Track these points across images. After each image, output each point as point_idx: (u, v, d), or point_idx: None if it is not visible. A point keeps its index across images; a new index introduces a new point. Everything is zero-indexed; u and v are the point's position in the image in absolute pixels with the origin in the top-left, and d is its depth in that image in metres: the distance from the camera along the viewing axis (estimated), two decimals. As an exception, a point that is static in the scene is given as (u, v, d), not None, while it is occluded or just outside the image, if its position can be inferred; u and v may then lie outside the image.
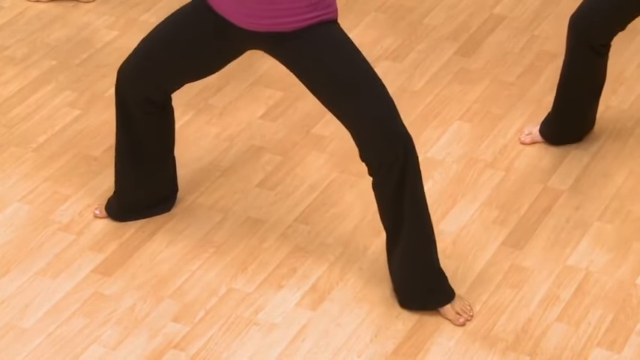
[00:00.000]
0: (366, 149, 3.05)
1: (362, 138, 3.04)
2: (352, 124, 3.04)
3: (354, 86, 3.00)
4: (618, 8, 3.45)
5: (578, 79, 3.61)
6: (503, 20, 4.39)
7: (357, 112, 3.02)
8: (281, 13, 2.97)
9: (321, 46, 3.01)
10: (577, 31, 3.52)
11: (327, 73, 3.02)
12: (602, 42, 3.52)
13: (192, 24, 3.12)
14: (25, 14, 4.46)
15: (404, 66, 4.16)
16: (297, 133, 3.86)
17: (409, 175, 3.03)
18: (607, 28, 3.49)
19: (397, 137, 3.00)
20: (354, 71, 3.01)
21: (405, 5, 4.48)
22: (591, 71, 3.59)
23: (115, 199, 3.48)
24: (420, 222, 3.10)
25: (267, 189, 3.63)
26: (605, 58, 3.58)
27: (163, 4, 4.51)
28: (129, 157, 3.38)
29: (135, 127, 3.31)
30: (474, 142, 3.81)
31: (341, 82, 3.01)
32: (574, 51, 3.56)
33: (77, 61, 4.21)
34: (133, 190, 3.45)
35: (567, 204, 3.55)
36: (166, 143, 3.40)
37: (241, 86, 4.07)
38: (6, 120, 3.93)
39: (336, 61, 3.01)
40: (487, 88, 4.05)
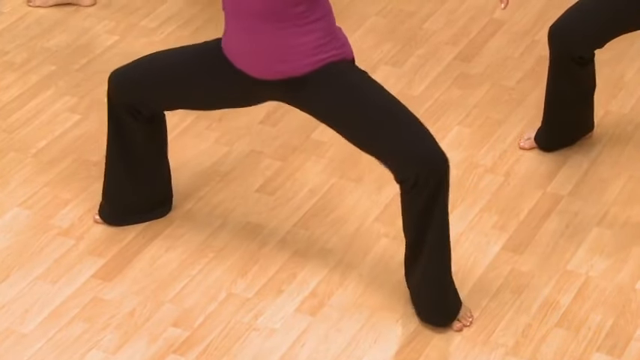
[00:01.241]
0: (402, 174, 2.99)
1: (397, 166, 2.99)
2: (385, 157, 3.00)
3: (377, 121, 2.97)
4: (599, 25, 3.44)
5: (562, 88, 3.61)
6: (503, 25, 4.40)
7: (387, 145, 2.97)
8: (291, 57, 2.97)
9: (335, 87, 3.00)
10: (557, 43, 3.52)
11: (347, 113, 3.00)
12: (580, 55, 3.51)
13: (204, 64, 3.12)
14: (25, 19, 4.46)
15: (403, 71, 4.16)
16: (296, 138, 3.86)
17: (442, 194, 3.01)
18: (586, 44, 3.49)
19: (435, 159, 2.96)
20: (374, 106, 2.98)
21: (404, 10, 4.48)
22: (574, 80, 3.59)
23: (107, 204, 3.47)
24: (443, 241, 3.08)
25: (267, 194, 3.63)
26: (589, 66, 3.57)
27: (164, 8, 4.51)
28: (120, 161, 3.38)
29: (125, 132, 3.31)
30: (474, 147, 3.81)
31: (362, 120, 2.98)
32: (555, 61, 3.56)
33: (77, 66, 4.21)
34: (124, 194, 3.44)
35: (567, 209, 3.55)
36: (158, 149, 3.40)
37: (241, 91, 4.07)
38: (6, 125, 3.94)
39: (353, 99, 2.99)
40: (487, 93, 4.05)
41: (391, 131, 2.98)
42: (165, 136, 3.40)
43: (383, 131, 2.98)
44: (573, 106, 3.67)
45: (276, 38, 2.96)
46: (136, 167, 3.39)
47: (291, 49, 2.97)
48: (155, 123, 3.33)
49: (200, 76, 3.14)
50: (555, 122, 3.70)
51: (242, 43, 3.02)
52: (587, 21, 3.44)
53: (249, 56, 3.02)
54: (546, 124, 3.71)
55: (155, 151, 3.40)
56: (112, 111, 3.30)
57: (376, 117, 2.99)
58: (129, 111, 3.26)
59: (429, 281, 3.12)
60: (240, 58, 3.05)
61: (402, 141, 2.97)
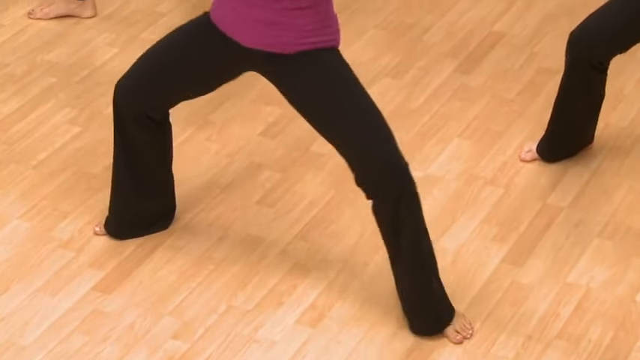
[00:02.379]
0: (361, 177, 3.04)
1: (355, 166, 3.03)
2: (345, 152, 3.03)
3: (348, 115, 2.99)
4: (621, 31, 3.45)
5: (576, 96, 3.62)
6: (502, 37, 4.40)
7: (350, 142, 3.01)
8: (283, 33, 2.97)
9: (317, 72, 3.00)
10: (576, 48, 3.52)
11: (322, 100, 3.01)
12: (601, 61, 3.52)
13: (194, 40, 3.12)
14: (26, 32, 4.47)
15: (403, 83, 4.17)
16: (296, 150, 3.86)
17: (404, 204, 3.02)
18: (607, 50, 3.49)
19: (391, 169, 3.00)
20: (349, 100, 3.00)
21: (404, 22, 4.49)
22: (590, 88, 3.60)
23: (113, 218, 3.48)
24: (417, 251, 3.09)
25: (267, 206, 3.63)
26: (605, 74, 3.59)
27: (164, 21, 4.52)
28: (126, 174, 3.38)
29: (132, 143, 3.31)
30: (474, 159, 3.81)
31: (334, 111, 3.00)
32: (572, 68, 3.56)
33: (77, 79, 4.22)
34: (131, 207, 3.45)
35: (567, 221, 3.55)
36: (163, 160, 3.40)
37: (241, 103, 4.07)
38: (6, 137, 3.94)
39: (331, 88, 3.00)
40: (487, 104, 4.06)
41: (357, 131, 2.99)
42: (171, 147, 3.40)
43: (349, 130, 2.99)
44: (582, 117, 3.67)
45: (271, 16, 2.94)
46: (142, 180, 3.39)
47: (284, 26, 2.96)
48: (162, 131, 3.33)
49: (193, 54, 3.12)
50: (561, 132, 3.70)
51: (236, 10, 2.98)
52: (608, 26, 3.45)
53: (241, 23, 2.99)
54: (551, 134, 3.71)
55: (162, 162, 3.40)
56: (118, 123, 3.29)
57: (346, 115, 2.99)
58: (136, 119, 3.26)
59: (412, 290, 3.12)
60: (231, 25, 3.02)
61: (365, 143, 2.99)
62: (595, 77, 3.56)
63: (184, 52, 3.14)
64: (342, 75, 3.02)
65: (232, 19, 3.02)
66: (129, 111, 3.25)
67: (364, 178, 3.02)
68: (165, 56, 3.17)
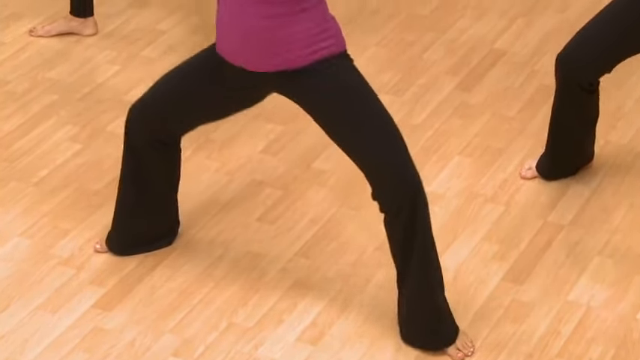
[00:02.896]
0: (376, 191, 3.04)
1: (372, 179, 3.03)
2: (363, 165, 3.03)
3: (364, 128, 2.99)
4: (605, 52, 3.45)
5: (567, 116, 3.62)
6: (503, 55, 4.41)
7: (368, 154, 3.01)
8: (286, 47, 2.95)
9: (332, 85, 2.99)
10: (564, 70, 3.53)
11: (337, 113, 3.00)
12: (589, 82, 3.53)
13: (205, 71, 3.12)
14: (27, 49, 4.48)
15: (404, 100, 4.18)
16: (297, 167, 3.86)
17: (418, 221, 3.02)
18: (594, 71, 3.50)
19: (406, 185, 2.99)
20: (365, 112, 2.99)
21: (405, 40, 4.50)
22: (581, 108, 3.60)
23: (116, 234, 3.48)
24: (427, 266, 3.08)
25: (268, 223, 3.63)
26: (595, 94, 3.59)
27: (165, 38, 4.53)
28: (133, 192, 3.37)
29: (141, 163, 3.31)
30: (474, 177, 3.81)
31: (350, 124, 2.99)
32: (562, 89, 3.57)
33: (78, 96, 4.22)
34: (136, 225, 3.45)
35: (567, 239, 3.55)
36: (171, 180, 3.40)
37: (242, 121, 4.08)
38: (7, 154, 3.94)
39: (347, 100, 2.99)
40: (487, 122, 4.06)
41: (373, 145, 2.99)
42: (179, 167, 3.40)
43: (365, 143, 3.00)
44: (577, 135, 3.68)
45: (267, 30, 2.93)
46: (149, 199, 3.39)
47: (282, 41, 2.94)
48: (173, 154, 3.33)
49: (204, 86, 3.13)
50: (558, 151, 3.71)
51: (234, 35, 2.98)
52: (593, 46, 3.45)
53: (242, 50, 2.99)
54: (549, 153, 3.72)
55: (170, 182, 3.40)
56: (129, 145, 3.29)
57: (362, 128, 2.99)
58: (148, 143, 3.26)
59: (419, 306, 3.12)
60: (234, 54, 3.02)
61: (381, 157, 2.99)
62: (585, 97, 3.56)
63: (198, 84, 3.13)
64: (356, 86, 3.01)
65: (232, 46, 3.01)
66: (141, 135, 3.25)
67: (381, 193, 3.02)
68: (179, 86, 3.16)
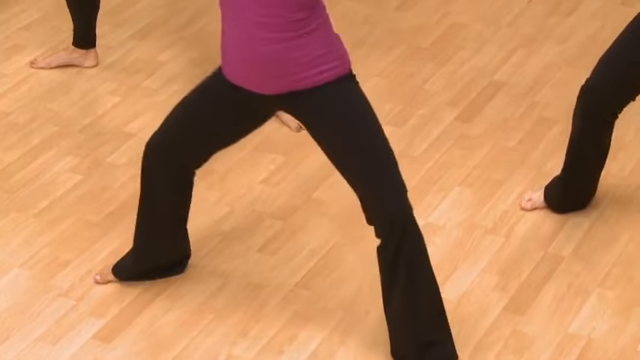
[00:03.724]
0: (368, 216, 3.06)
1: (365, 205, 3.06)
2: (356, 187, 3.06)
3: (362, 155, 3.01)
4: (630, 80, 3.46)
5: (588, 149, 3.61)
6: (503, 86, 4.42)
7: (361, 177, 3.03)
8: (293, 69, 2.95)
9: (333, 106, 3.00)
10: (588, 102, 3.51)
11: (337, 134, 3.02)
12: (613, 113, 3.53)
13: (212, 96, 3.13)
14: (28, 81, 4.49)
15: (405, 131, 4.18)
16: (298, 198, 3.87)
17: (404, 252, 3.04)
18: (619, 100, 3.50)
19: (394, 215, 3.01)
20: (363, 135, 3.01)
21: (405, 71, 4.51)
22: (601, 141, 3.60)
23: (133, 264, 3.46)
24: (413, 300, 3.09)
25: (268, 254, 3.63)
26: (613, 125, 3.59)
27: (165, 70, 4.54)
28: (150, 225, 3.37)
29: (159, 198, 3.31)
30: (475, 208, 3.81)
31: (350, 148, 3.01)
32: (585, 122, 3.55)
33: (79, 127, 4.23)
34: (154, 257, 3.46)
35: (568, 270, 3.55)
36: (186, 212, 3.41)
37: (242, 151, 4.08)
38: (8, 186, 3.94)
39: (346, 122, 3.00)
40: (487, 153, 4.07)
41: (369, 174, 3.01)
42: (191, 196, 3.40)
43: (362, 171, 3.01)
44: (594, 168, 3.67)
45: (274, 53, 2.93)
46: (168, 231, 3.40)
47: (289, 63, 2.95)
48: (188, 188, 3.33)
49: (213, 111, 3.13)
50: (576, 185, 3.69)
51: (240, 59, 2.99)
52: (619, 77, 3.44)
53: (248, 73, 3.00)
54: (564, 185, 3.69)
55: (184, 213, 3.40)
56: (147, 181, 3.29)
57: (361, 154, 3.00)
58: (166, 179, 3.26)
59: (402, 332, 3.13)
60: (239, 76, 3.03)
61: (375, 187, 3.01)
62: (607, 128, 3.57)
63: (206, 110, 3.14)
64: (357, 108, 3.02)
65: (238, 68, 3.02)
66: (158, 171, 3.25)
67: (371, 218, 3.05)
68: (189, 115, 3.17)
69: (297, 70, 2.96)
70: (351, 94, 3.02)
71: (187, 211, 3.41)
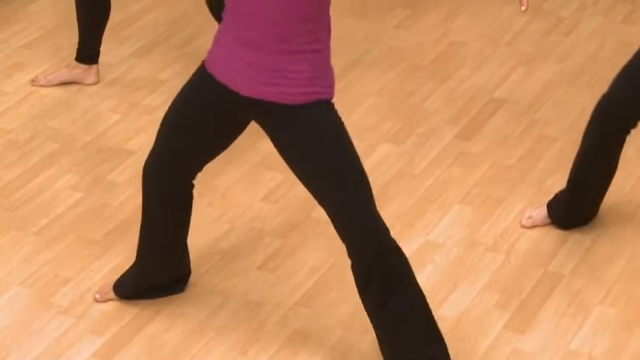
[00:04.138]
0: (340, 236, 3.06)
1: (334, 225, 3.05)
2: (325, 209, 3.04)
3: (332, 175, 2.99)
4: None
5: (598, 165, 3.61)
6: (503, 104, 4.43)
7: (330, 201, 3.02)
8: (282, 81, 2.95)
9: (311, 127, 2.99)
10: (604, 121, 3.51)
11: (310, 156, 3.00)
12: (628, 129, 3.53)
13: (196, 97, 3.11)
14: (29, 98, 4.49)
15: (404, 149, 4.18)
16: (297, 215, 3.87)
17: (378, 274, 3.02)
18: (635, 117, 3.50)
19: (364, 236, 3.00)
20: (336, 160, 2.99)
21: (404, 89, 4.52)
22: (613, 157, 3.60)
23: (134, 282, 3.46)
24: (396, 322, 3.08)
25: (268, 272, 3.63)
26: (624, 141, 3.59)
27: (167, 87, 4.55)
28: (152, 244, 3.37)
29: (160, 217, 3.31)
30: (475, 226, 3.81)
31: (320, 168, 3.00)
32: (600, 141, 3.54)
33: (79, 145, 4.23)
34: (155, 275, 3.46)
35: (569, 288, 3.54)
36: (186, 228, 3.40)
37: (242, 168, 4.09)
38: (8, 204, 3.94)
39: (322, 146, 2.99)
40: (487, 171, 4.07)
41: (338, 193, 2.99)
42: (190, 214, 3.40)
43: (331, 190, 3.00)
44: (602, 185, 3.66)
45: (277, 62, 2.93)
46: (172, 249, 3.40)
47: (284, 74, 2.94)
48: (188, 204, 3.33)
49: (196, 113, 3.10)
50: (582, 201, 3.69)
51: (235, 57, 2.97)
52: (632, 94, 3.45)
53: (238, 71, 2.98)
54: (570, 201, 3.69)
55: (185, 230, 3.40)
56: (149, 201, 3.29)
57: (330, 174, 2.99)
58: (167, 197, 3.26)
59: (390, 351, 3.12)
60: (227, 72, 3.00)
61: (344, 206, 3.00)
62: (620, 145, 3.56)
63: (191, 111, 3.12)
64: (334, 133, 3.01)
65: (228, 64, 2.99)
66: (159, 190, 3.25)
67: (341, 237, 3.05)
68: (175, 123, 3.15)
69: (287, 84, 2.95)
70: (329, 115, 3.01)
71: (187, 228, 3.41)
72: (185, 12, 5.04)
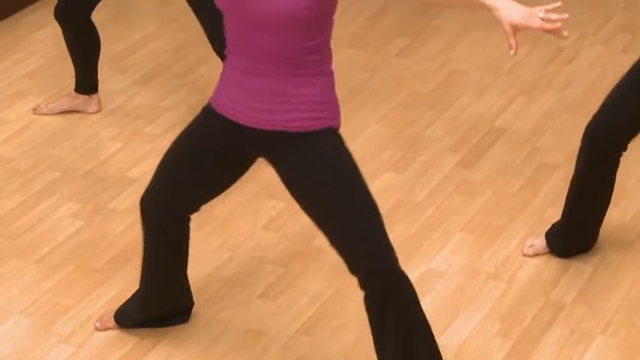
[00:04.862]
0: (350, 269, 3.02)
1: (344, 258, 3.01)
2: (334, 243, 3.00)
3: (341, 207, 2.95)
4: (636, 116, 3.47)
5: (593, 191, 3.61)
6: (503, 133, 4.43)
7: (340, 234, 2.98)
8: (287, 107, 2.92)
9: (321, 154, 2.96)
10: (594, 141, 3.52)
11: (317, 187, 2.96)
12: (619, 148, 3.53)
13: (201, 133, 3.09)
14: (31, 127, 4.50)
15: (405, 177, 4.19)
16: (298, 244, 3.86)
17: (392, 305, 2.99)
18: (625, 136, 3.50)
19: (377, 270, 2.97)
20: (346, 191, 2.95)
21: (405, 118, 4.53)
22: (607, 178, 3.60)
23: (135, 312, 3.45)
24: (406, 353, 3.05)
25: (269, 300, 3.62)
26: (619, 163, 3.59)
27: (168, 115, 4.56)
28: (153, 274, 3.36)
29: (161, 248, 3.30)
30: (476, 254, 3.81)
31: (328, 199, 2.96)
32: (590, 162, 3.55)
33: (81, 173, 4.24)
34: (156, 308, 3.45)
35: (571, 316, 3.54)
36: (185, 260, 3.39)
37: (244, 197, 4.09)
38: (9, 232, 3.94)
39: (329, 176, 2.95)
40: (489, 199, 4.07)
41: (348, 226, 2.95)
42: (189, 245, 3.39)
43: (341, 223, 2.96)
44: (600, 209, 3.67)
45: (280, 86, 2.90)
46: (174, 280, 3.39)
47: (292, 99, 2.92)
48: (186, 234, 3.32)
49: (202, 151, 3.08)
50: (579, 227, 3.69)
51: (238, 87, 2.95)
52: (623, 115, 3.45)
53: (242, 101, 2.95)
54: (568, 228, 3.69)
55: (184, 260, 3.39)
56: (148, 233, 3.28)
57: (340, 206, 2.95)
58: (166, 228, 3.25)
59: None
60: (231, 105, 2.98)
61: (354, 238, 2.95)
62: (613, 165, 3.57)
63: (193, 152, 3.10)
64: (343, 163, 2.98)
65: (235, 96, 2.97)
66: (157, 221, 3.24)
67: (353, 270, 3.02)
68: (178, 159, 3.14)
69: (297, 109, 2.93)
70: (338, 146, 2.99)
71: (186, 261, 3.39)
72: (186, 41, 5.05)
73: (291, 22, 2.82)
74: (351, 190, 2.97)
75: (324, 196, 2.98)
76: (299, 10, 2.81)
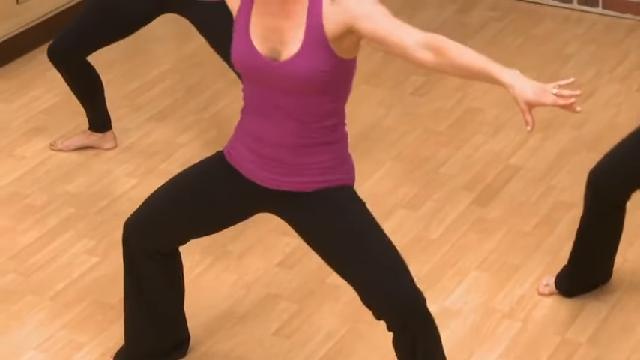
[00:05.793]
0: (377, 314, 3.02)
1: (371, 305, 3.01)
2: (359, 291, 3.01)
3: (361, 255, 2.96)
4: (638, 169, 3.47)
5: (598, 234, 3.61)
6: (518, 171, 4.43)
7: (363, 282, 2.98)
8: (302, 172, 2.96)
9: (332, 210, 2.99)
10: (596, 190, 3.53)
11: (336, 239, 2.98)
12: (622, 200, 3.53)
13: (206, 180, 3.11)
14: (47, 163, 4.52)
15: (420, 215, 4.18)
16: (313, 281, 3.86)
17: (422, 340, 3.00)
18: (627, 188, 3.51)
19: (405, 308, 2.97)
20: (363, 240, 2.97)
21: (420, 155, 4.53)
22: (612, 226, 3.60)
23: (127, 350, 3.44)
24: None
25: (284, 337, 3.61)
26: (624, 211, 3.59)
27: (183, 152, 4.57)
28: (138, 306, 3.35)
29: (142, 276, 3.29)
30: (491, 292, 3.79)
31: (348, 250, 2.97)
32: (593, 208, 3.56)
33: (96, 209, 4.24)
34: (144, 339, 3.42)
35: (585, 357, 3.51)
36: (176, 291, 3.38)
37: (258, 233, 4.09)
38: (23, 268, 3.95)
39: (346, 227, 2.97)
40: (504, 237, 4.06)
41: (370, 273, 2.95)
42: (182, 277, 3.39)
43: (362, 271, 2.97)
44: (602, 252, 3.66)
45: (293, 155, 2.94)
46: (155, 312, 3.37)
47: (301, 167, 2.95)
48: (173, 264, 3.32)
49: (204, 193, 3.09)
50: (582, 268, 3.68)
51: (253, 151, 2.98)
52: (627, 165, 3.46)
53: (256, 164, 2.99)
54: (571, 269, 3.69)
55: (174, 292, 3.38)
56: (129, 259, 3.29)
57: (360, 255, 2.96)
58: (147, 255, 3.25)
59: None
60: (248, 164, 3.01)
61: (377, 284, 2.96)
62: (617, 215, 3.57)
63: (195, 192, 3.11)
64: (357, 213, 3.00)
65: (249, 157, 3.01)
66: (138, 247, 3.24)
67: (380, 314, 3.01)
68: (175, 196, 3.14)
69: (307, 174, 2.97)
70: (350, 197, 3.01)
71: (178, 289, 3.36)
72: (202, 78, 5.08)
73: (308, 85, 2.84)
74: (366, 238, 2.98)
75: (340, 247, 2.99)
76: (316, 74, 2.82)
